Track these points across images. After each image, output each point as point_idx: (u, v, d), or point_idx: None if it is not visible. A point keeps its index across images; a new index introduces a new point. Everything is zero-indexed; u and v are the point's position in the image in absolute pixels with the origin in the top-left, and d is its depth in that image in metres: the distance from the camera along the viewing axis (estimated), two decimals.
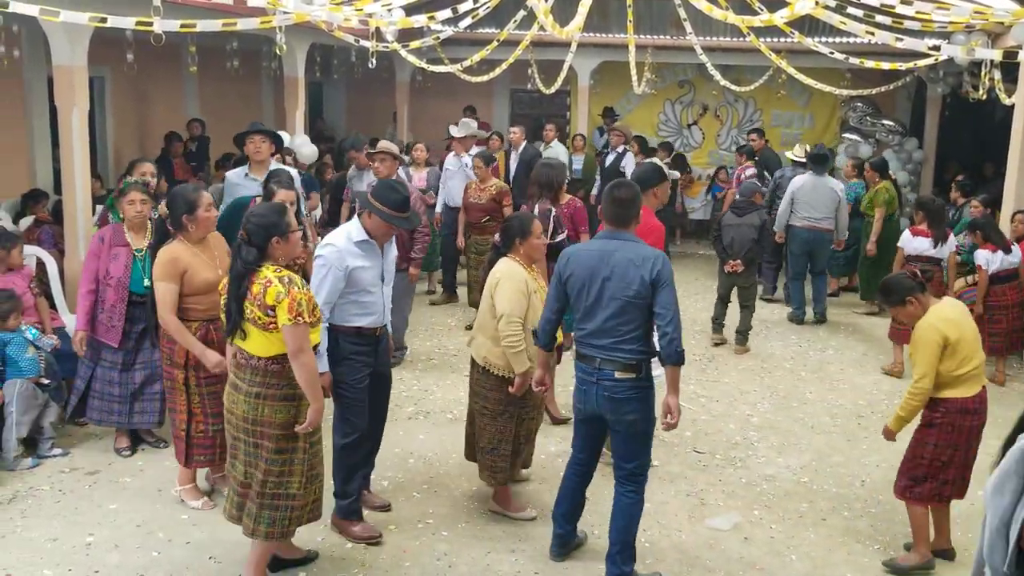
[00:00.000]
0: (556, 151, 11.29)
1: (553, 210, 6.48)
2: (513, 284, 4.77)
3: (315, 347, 4.05)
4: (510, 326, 4.70)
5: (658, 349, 4.22)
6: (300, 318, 3.83)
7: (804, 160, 10.03)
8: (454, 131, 9.74)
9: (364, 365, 4.62)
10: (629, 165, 11.12)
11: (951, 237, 7.87)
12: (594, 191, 11.29)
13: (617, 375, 4.20)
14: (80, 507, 5.02)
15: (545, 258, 6.16)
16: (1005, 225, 8.64)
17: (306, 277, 4.67)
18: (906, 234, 7.95)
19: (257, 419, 3.97)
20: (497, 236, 5.20)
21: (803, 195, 9.28)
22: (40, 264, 6.86)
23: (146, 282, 5.37)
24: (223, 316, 4.07)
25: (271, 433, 3.97)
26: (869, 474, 5.82)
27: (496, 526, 4.96)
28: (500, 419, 4.88)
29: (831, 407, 7.03)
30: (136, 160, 6.68)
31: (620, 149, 11.21)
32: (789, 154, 10.55)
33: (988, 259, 7.58)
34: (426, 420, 6.45)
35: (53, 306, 6.59)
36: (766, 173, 11.03)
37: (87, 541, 4.65)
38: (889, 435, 4.82)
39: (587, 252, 4.34)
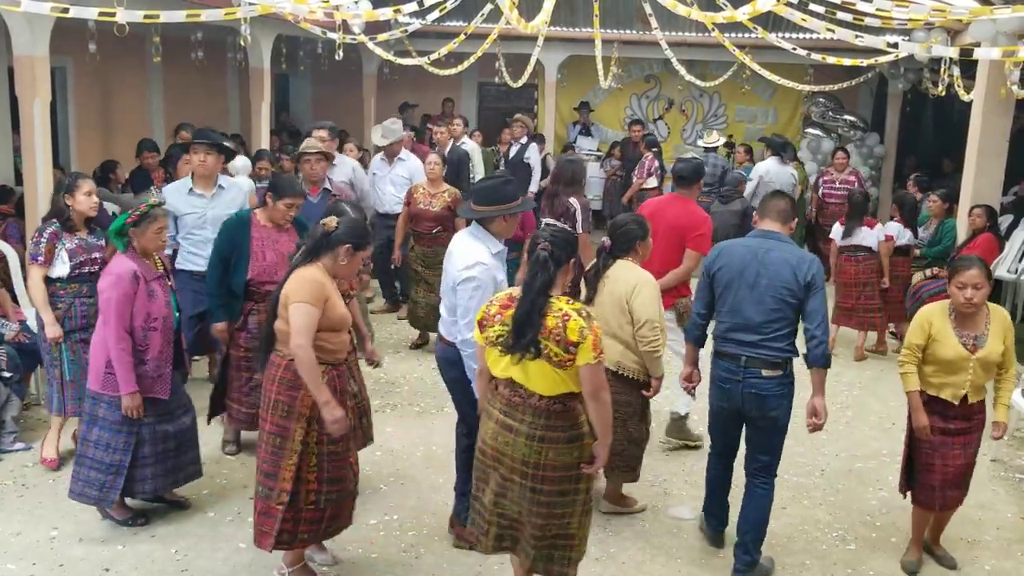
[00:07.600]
0: (469, 147, 10.25)
1: (578, 203, 6.36)
2: (655, 289, 4.67)
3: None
4: (655, 331, 4.60)
5: (804, 351, 4.27)
6: (602, 355, 3.53)
7: (715, 146, 11.08)
8: (376, 140, 8.87)
9: None
10: (533, 156, 10.93)
11: (878, 226, 8.26)
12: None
13: (764, 373, 4.24)
14: (44, 501, 4.99)
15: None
16: (963, 219, 8.83)
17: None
18: (836, 226, 8.45)
19: (540, 463, 3.61)
20: (606, 239, 4.83)
21: (769, 178, 10.13)
22: (2, 258, 6.79)
23: (176, 313, 4.78)
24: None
25: (553, 476, 3.63)
26: (828, 463, 5.93)
27: None
28: (631, 420, 4.84)
29: None
30: (77, 176, 5.34)
31: (523, 140, 10.85)
32: (701, 142, 10.99)
33: (899, 232, 8.19)
34: (393, 413, 6.47)
35: (15, 299, 6.53)
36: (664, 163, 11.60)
37: (51, 535, 4.64)
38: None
39: (741, 247, 4.36)
